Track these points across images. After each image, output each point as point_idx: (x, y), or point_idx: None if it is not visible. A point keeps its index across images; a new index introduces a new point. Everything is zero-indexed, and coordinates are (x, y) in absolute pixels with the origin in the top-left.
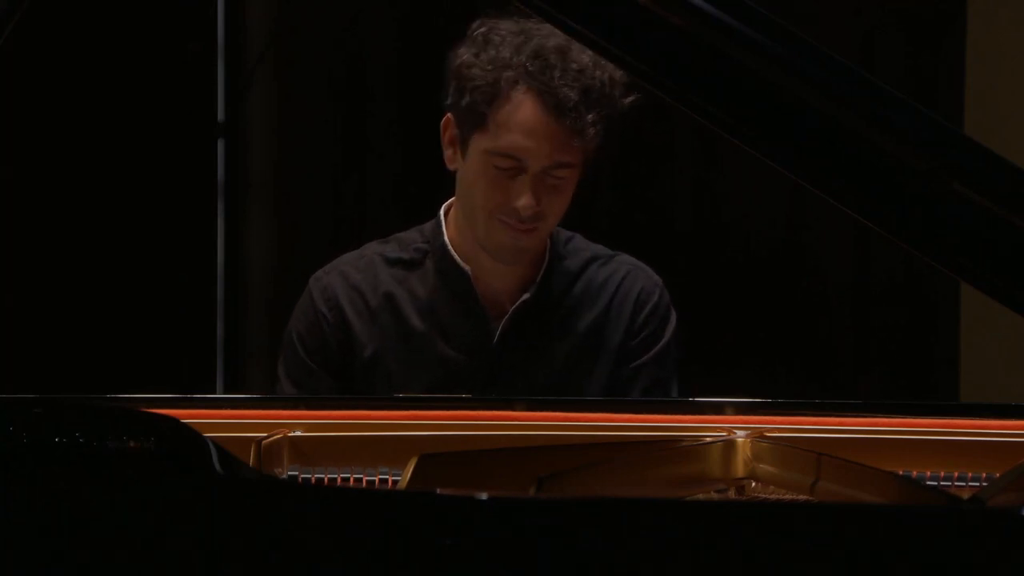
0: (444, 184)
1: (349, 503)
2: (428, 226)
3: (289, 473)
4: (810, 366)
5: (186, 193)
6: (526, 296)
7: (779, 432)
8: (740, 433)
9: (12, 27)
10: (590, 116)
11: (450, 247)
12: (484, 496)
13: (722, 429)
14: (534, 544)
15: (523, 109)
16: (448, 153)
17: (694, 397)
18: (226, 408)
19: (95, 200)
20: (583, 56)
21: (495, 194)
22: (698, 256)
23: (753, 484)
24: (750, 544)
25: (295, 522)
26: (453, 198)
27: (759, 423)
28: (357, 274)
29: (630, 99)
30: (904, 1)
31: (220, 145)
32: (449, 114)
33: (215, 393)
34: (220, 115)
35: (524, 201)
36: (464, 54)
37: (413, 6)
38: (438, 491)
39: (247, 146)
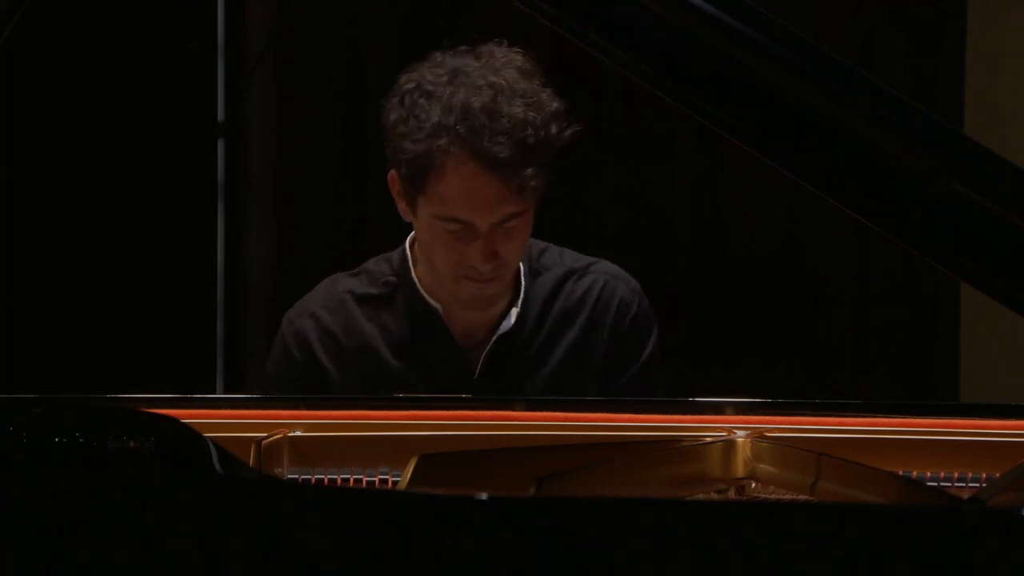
0: None
1: (349, 503)
2: (396, 257)
3: (289, 475)
4: (810, 366)
5: (186, 193)
6: (506, 326)
7: (779, 432)
8: (740, 433)
9: (12, 27)
10: (528, 170)
11: (418, 285)
12: (484, 496)
13: (722, 429)
14: (534, 544)
15: (459, 176)
16: (401, 206)
17: (694, 397)
18: (226, 408)
19: (95, 200)
20: (513, 108)
21: (452, 256)
22: (698, 256)
23: (753, 484)
24: (750, 544)
25: (295, 522)
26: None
27: (759, 423)
28: (328, 316)
29: (570, 132)
30: (904, 1)
31: (220, 145)
32: (392, 171)
33: (215, 393)
34: (220, 115)
35: (479, 262)
36: (394, 115)
37: (413, 6)
38: (438, 491)
39: (247, 146)
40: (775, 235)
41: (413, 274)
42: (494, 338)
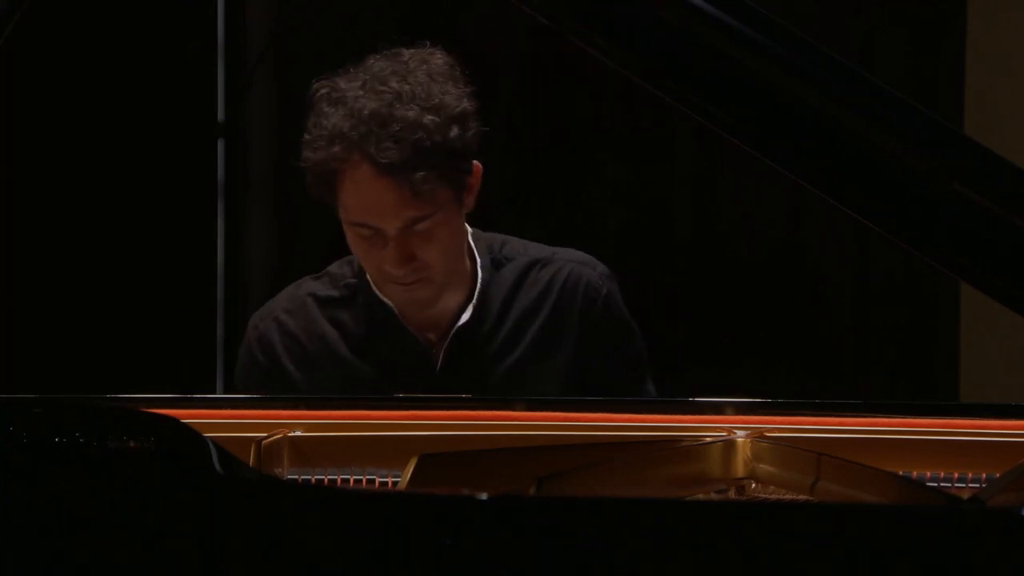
0: None
1: (349, 503)
2: (356, 259)
3: (289, 475)
4: (810, 366)
5: (186, 193)
6: (463, 320)
7: (779, 432)
8: (740, 433)
9: (12, 27)
10: (420, 173)
11: (373, 285)
12: (484, 496)
13: (722, 429)
14: (534, 544)
15: (358, 181)
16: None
17: (694, 397)
18: (226, 408)
19: (95, 200)
20: (408, 112)
21: (370, 260)
22: (698, 256)
23: (753, 484)
24: (750, 544)
25: (295, 522)
26: None
27: (759, 423)
28: (290, 320)
29: (472, 134)
30: (904, 1)
31: (220, 145)
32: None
33: (215, 393)
34: (220, 115)
35: (393, 266)
36: (306, 122)
37: (413, 6)
38: (438, 491)
39: (247, 146)
40: (775, 235)
41: (369, 277)
42: (452, 332)
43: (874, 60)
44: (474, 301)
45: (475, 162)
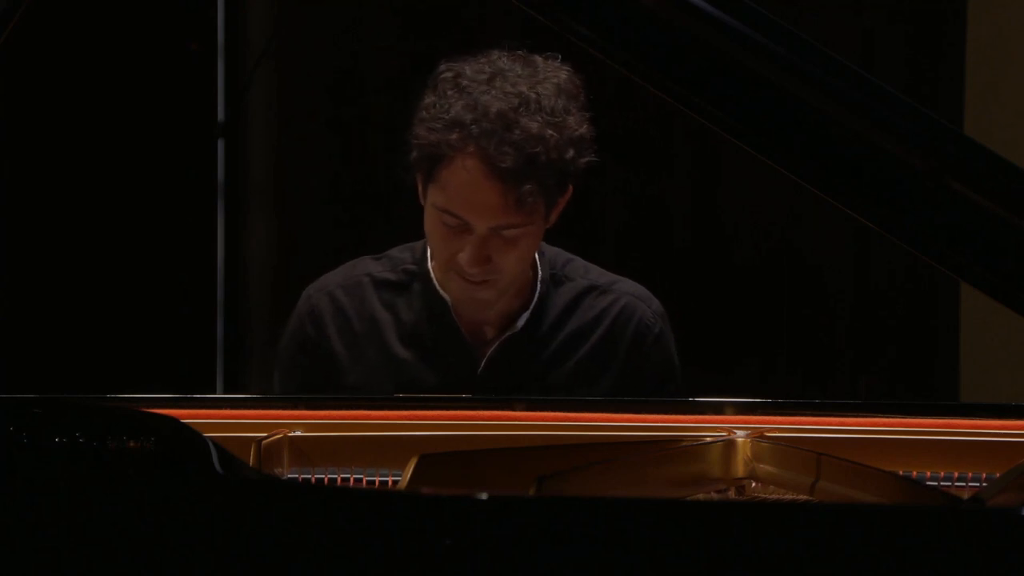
0: None
1: (349, 503)
2: (419, 247)
3: (289, 475)
4: (810, 366)
5: (186, 193)
6: (516, 328)
7: (779, 432)
8: (740, 433)
9: (12, 27)
10: (528, 186)
11: (433, 275)
12: (484, 496)
13: (722, 429)
14: (534, 544)
15: (464, 173)
16: (420, 189)
17: (694, 397)
18: (226, 408)
19: (95, 200)
20: (532, 122)
21: (445, 248)
22: (698, 256)
23: (753, 484)
24: (750, 544)
25: (295, 522)
26: None
27: (759, 423)
28: (345, 297)
29: (585, 161)
30: (904, 1)
31: (220, 145)
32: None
33: (215, 393)
34: (220, 115)
35: (468, 262)
36: (425, 100)
37: (413, 6)
38: (438, 491)
39: (247, 146)
40: (775, 235)
41: (429, 264)
42: (501, 339)
43: (874, 60)
44: (529, 312)
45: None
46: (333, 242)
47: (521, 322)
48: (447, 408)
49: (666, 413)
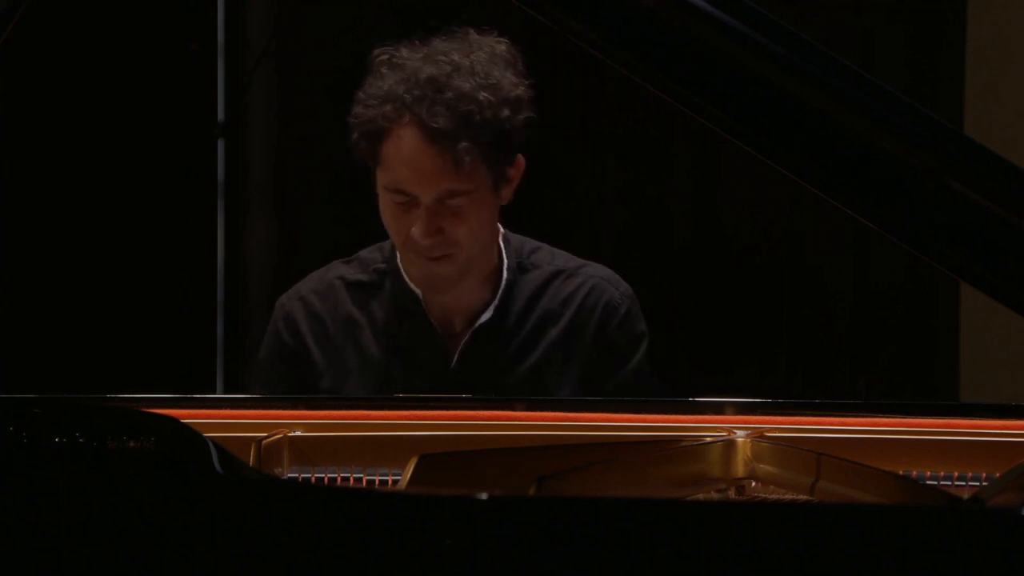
0: None
1: (349, 503)
2: (387, 246)
3: (289, 475)
4: (810, 366)
5: (186, 193)
6: (484, 318)
7: (779, 432)
8: (740, 433)
9: (12, 27)
10: (463, 144)
11: (402, 270)
12: (484, 496)
13: (722, 429)
14: (534, 544)
15: (403, 143)
16: (373, 179)
17: (694, 397)
18: (226, 408)
19: (95, 200)
20: (463, 83)
21: (397, 228)
22: (698, 256)
23: (753, 484)
24: (750, 544)
25: (295, 522)
26: None
27: (759, 423)
28: (318, 300)
29: (522, 118)
30: (904, 1)
31: (220, 145)
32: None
33: (215, 393)
34: (220, 115)
35: (420, 235)
36: (365, 84)
37: (413, 6)
38: (438, 491)
39: (247, 146)
40: (775, 235)
41: (399, 259)
42: (472, 329)
43: (874, 60)
44: (496, 301)
45: (519, 155)
46: (333, 242)
47: (490, 311)
48: (447, 408)
49: (666, 413)
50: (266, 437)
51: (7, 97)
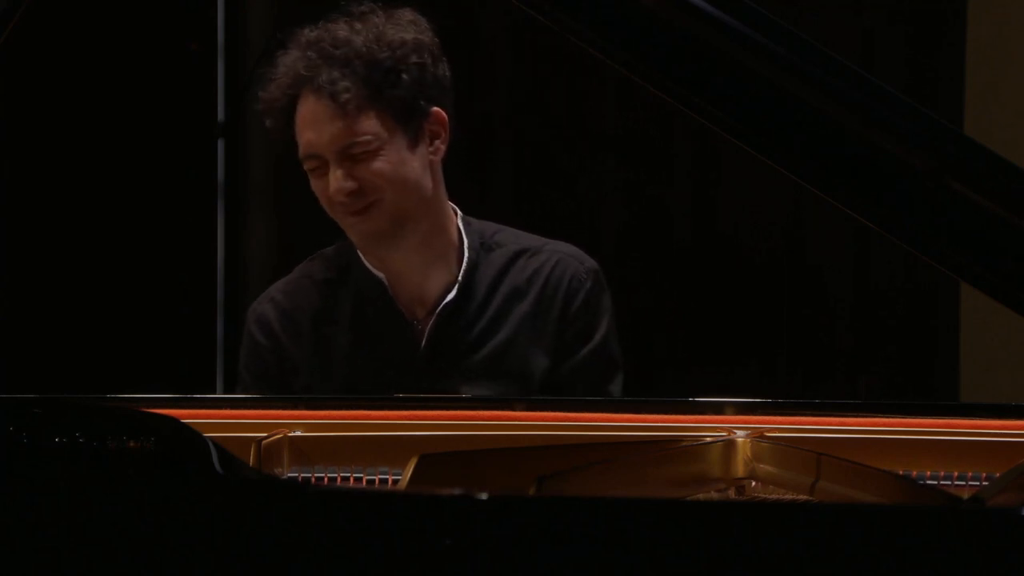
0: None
1: (349, 503)
2: (348, 241)
3: (289, 475)
4: (810, 366)
5: (186, 193)
6: (448, 298)
7: (779, 432)
8: (740, 433)
9: (12, 27)
10: (342, 84)
11: (363, 258)
12: (484, 496)
13: (722, 429)
14: (534, 544)
15: (301, 109)
16: None
17: (694, 397)
18: (226, 408)
19: (95, 200)
20: (339, 32)
21: (322, 196)
22: (698, 256)
23: (753, 484)
24: (750, 544)
25: (295, 522)
26: None
27: (759, 423)
28: (287, 300)
29: (413, 61)
30: (904, 1)
31: (220, 145)
32: None
33: (215, 393)
34: (220, 115)
35: (333, 192)
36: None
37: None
38: (438, 491)
39: (247, 146)
40: (775, 235)
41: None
42: (438, 309)
43: (874, 60)
44: (459, 280)
45: (437, 109)
46: (333, 242)
47: (453, 291)
48: (447, 408)
49: (666, 413)
50: (266, 437)
51: (7, 97)
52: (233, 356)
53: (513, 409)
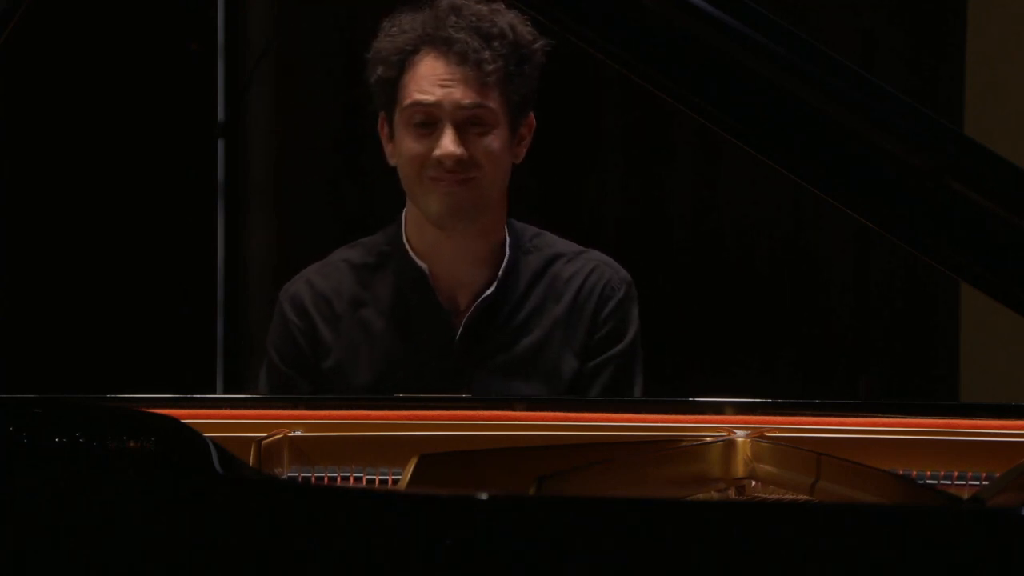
0: None
1: (349, 503)
2: (391, 228)
3: (289, 475)
4: (810, 366)
5: (186, 193)
6: (487, 293)
7: (779, 432)
8: (740, 433)
9: (12, 27)
10: (488, 54)
11: (408, 246)
12: (484, 496)
13: (722, 429)
14: (534, 544)
15: (426, 63)
16: (387, 149)
17: (694, 397)
18: (226, 408)
19: (96, 200)
20: (479, 7)
21: (419, 149)
22: (698, 256)
23: (753, 484)
24: (750, 544)
25: (295, 522)
26: None
27: (759, 423)
28: (323, 281)
29: (539, 44)
30: (904, 1)
31: (220, 145)
32: (381, 112)
33: (215, 393)
34: (220, 115)
35: (444, 146)
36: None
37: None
38: (438, 491)
39: (247, 146)
40: (775, 235)
41: (404, 237)
42: (476, 303)
43: (874, 60)
44: (499, 277)
45: (532, 113)
46: (333, 242)
47: (493, 287)
48: (447, 408)
49: (666, 413)
50: (266, 437)
51: (7, 97)
52: (233, 356)
53: (513, 409)
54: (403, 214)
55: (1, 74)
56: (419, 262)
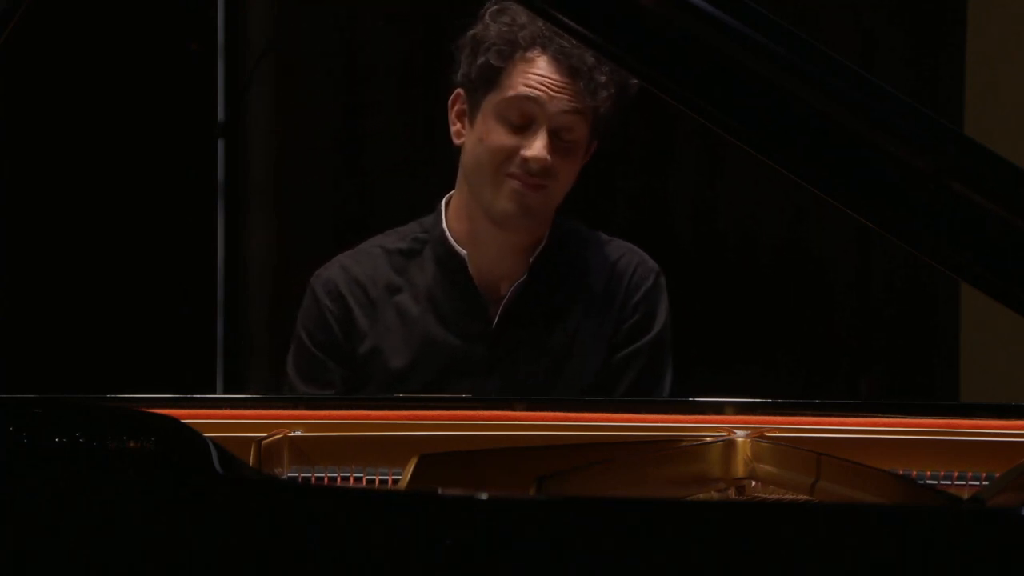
0: (443, 183)
1: (349, 503)
2: (428, 218)
3: (289, 475)
4: (810, 366)
5: (186, 193)
6: (522, 279)
7: (779, 432)
8: (740, 433)
9: (12, 27)
10: (603, 77)
11: (448, 233)
12: (484, 496)
13: (722, 429)
14: (534, 544)
15: (540, 63)
16: (456, 128)
17: (694, 397)
18: (226, 408)
19: (96, 200)
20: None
21: (508, 143)
22: (699, 256)
23: (753, 484)
24: (750, 544)
25: (295, 522)
26: (453, 191)
27: (759, 423)
28: (357, 266)
29: (635, 81)
30: (904, 1)
31: (220, 145)
32: (459, 88)
33: (215, 393)
34: (220, 115)
35: (537, 148)
36: (479, 25)
37: (413, 6)
38: (438, 491)
39: (247, 146)
40: (776, 235)
41: (444, 224)
42: (512, 289)
43: (874, 60)
44: (531, 264)
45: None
46: (333, 242)
47: (527, 274)
48: (447, 408)
49: (666, 413)
50: (266, 437)
51: (7, 97)
52: (233, 356)
53: (513, 409)
54: (443, 201)
55: (1, 74)
56: (459, 249)
